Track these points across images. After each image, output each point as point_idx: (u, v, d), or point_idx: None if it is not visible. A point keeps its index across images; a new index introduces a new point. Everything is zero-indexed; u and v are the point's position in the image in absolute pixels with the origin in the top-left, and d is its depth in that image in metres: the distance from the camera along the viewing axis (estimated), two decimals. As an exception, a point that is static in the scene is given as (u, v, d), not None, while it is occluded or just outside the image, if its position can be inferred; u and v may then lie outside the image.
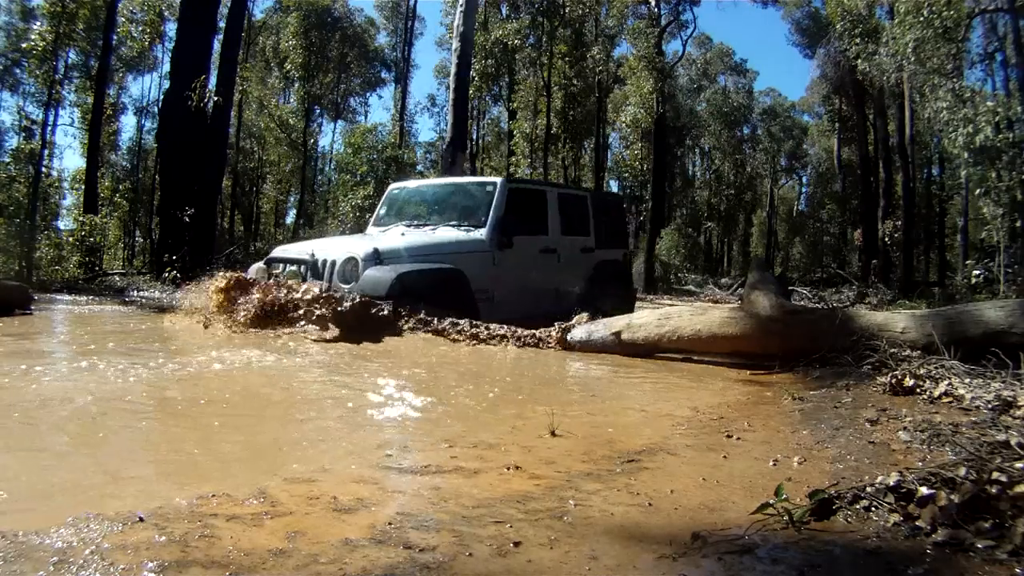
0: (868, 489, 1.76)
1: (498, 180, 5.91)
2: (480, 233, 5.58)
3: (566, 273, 6.40)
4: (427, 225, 5.93)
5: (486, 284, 5.41)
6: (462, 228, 5.70)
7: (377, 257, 5.03)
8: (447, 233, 5.69)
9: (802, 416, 3.09)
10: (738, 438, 2.65)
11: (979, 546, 1.42)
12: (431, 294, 4.82)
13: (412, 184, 7.23)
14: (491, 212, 5.64)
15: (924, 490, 1.65)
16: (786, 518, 1.61)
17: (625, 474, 2.09)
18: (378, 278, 4.80)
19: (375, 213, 6.81)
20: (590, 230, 6.89)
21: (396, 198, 6.69)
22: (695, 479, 2.06)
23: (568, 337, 5.02)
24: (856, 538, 1.54)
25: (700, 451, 2.46)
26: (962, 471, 1.74)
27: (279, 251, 5.99)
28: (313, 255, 5.38)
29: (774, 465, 2.24)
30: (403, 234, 5.78)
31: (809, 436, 2.68)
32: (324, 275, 5.14)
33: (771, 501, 1.68)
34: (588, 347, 4.91)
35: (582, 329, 5.15)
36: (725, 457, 2.36)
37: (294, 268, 5.41)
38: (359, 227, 16.26)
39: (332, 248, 5.46)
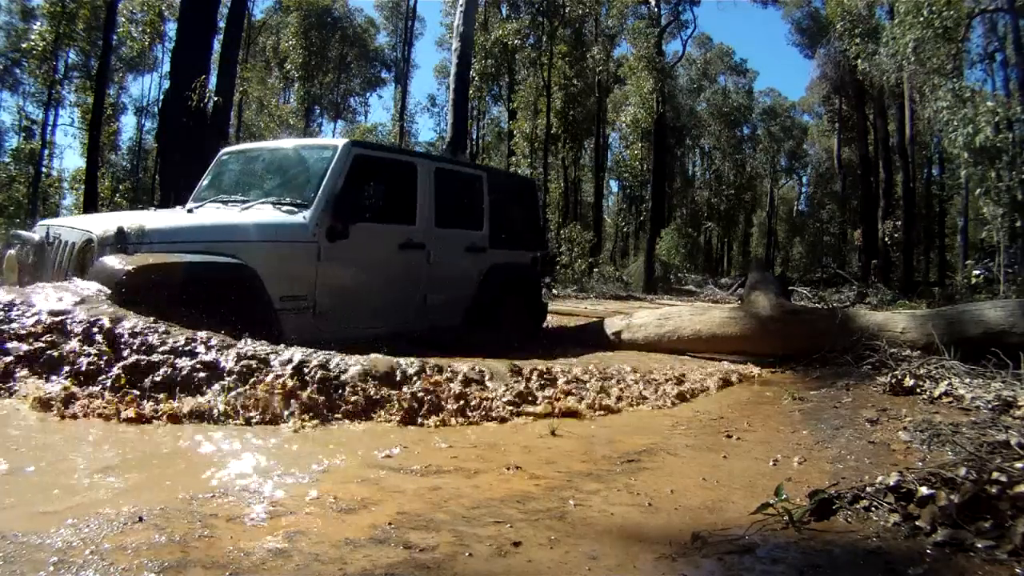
0: (868, 489, 1.76)
1: (340, 143, 4.25)
2: (302, 216, 3.89)
3: (442, 279, 4.73)
4: (247, 201, 4.18)
5: (302, 287, 3.85)
6: (282, 207, 3.99)
7: (122, 240, 3.43)
8: (254, 214, 3.96)
9: (802, 416, 3.10)
10: (738, 438, 2.65)
11: (979, 546, 1.42)
12: (197, 296, 3.27)
13: (245, 148, 5.36)
14: (321, 188, 3.95)
15: (924, 490, 1.65)
16: (786, 518, 1.61)
17: (625, 474, 2.09)
18: (109, 270, 3.24)
19: (199, 184, 4.99)
20: (483, 222, 5.13)
21: (224, 166, 4.86)
22: (695, 479, 2.06)
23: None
24: (856, 538, 1.54)
25: (700, 451, 2.46)
26: (962, 471, 1.74)
27: (47, 224, 4.08)
28: (49, 233, 3.79)
29: (774, 465, 2.24)
30: (192, 211, 4.21)
31: (809, 436, 2.69)
32: (57, 261, 3.60)
33: (771, 501, 1.68)
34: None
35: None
36: (725, 457, 2.36)
37: (13, 252, 3.96)
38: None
39: (85, 225, 3.78)
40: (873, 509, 1.68)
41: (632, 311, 5.91)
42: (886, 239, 21.46)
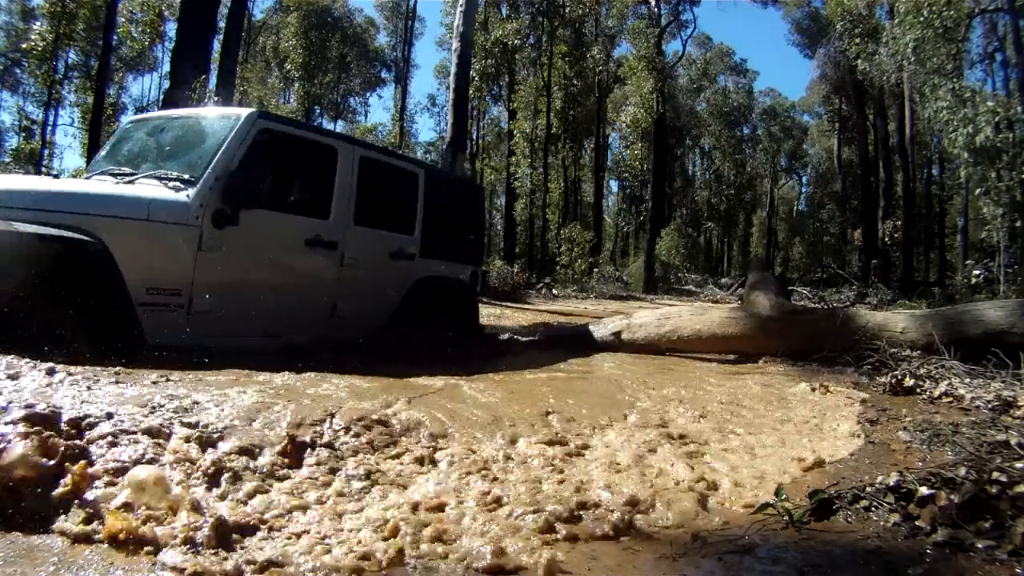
0: (868, 489, 1.76)
1: (244, 112, 3.58)
2: (185, 194, 3.23)
3: (357, 286, 4.07)
4: (137, 174, 3.50)
5: (175, 280, 3.20)
6: (169, 183, 3.32)
7: None
8: (128, 187, 3.32)
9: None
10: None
11: (979, 546, 1.42)
12: (23, 276, 2.64)
13: (149, 116, 4.68)
14: (212, 163, 3.30)
15: (924, 490, 1.65)
16: (786, 518, 1.61)
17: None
18: None
19: (96, 154, 4.39)
20: (415, 226, 4.49)
21: (125, 135, 4.21)
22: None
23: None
24: (856, 538, 1.54)
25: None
26: (962, 471, 1.74)
27: None
28: None
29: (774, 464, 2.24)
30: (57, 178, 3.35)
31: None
32: None
33: (771, 501, 1.68)
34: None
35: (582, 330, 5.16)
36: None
37: None
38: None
39: None
40: (873, 509, 1.68)
41: (632, 311, 5.90)
42: (886, 239, 21.48)
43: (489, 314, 9.28)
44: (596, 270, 20.07)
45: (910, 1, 13.17)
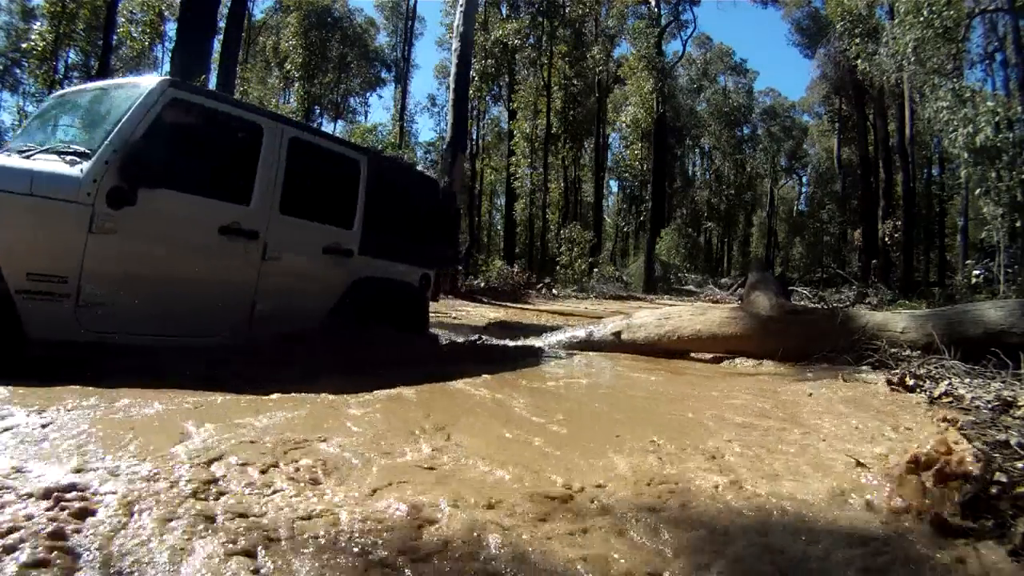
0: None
1: (156, 81, 3.15)
2: (79, 168, 2.85)
3: (282, 283, 3.60)
4: (41, 148, 3.16)
5: (62, 266, 2.82)
6: (66, 156, 2.96)
7: None
8: (19, 160, 2.98)
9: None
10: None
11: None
12: None
13: (72, 89, 4.26)
14: (111, 135, 2.91)
15: (924, 490, 1.65)
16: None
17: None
18: None
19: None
20: (354, 220, 4.02)
21: (47, 109, 3.88)
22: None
23: (566, 339, 5.02)
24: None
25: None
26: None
27: None
28: None
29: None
30: None
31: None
32: None
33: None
34: (588, 347, 4.91)
35: (582, 330, 5.16)
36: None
37: None
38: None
39: None
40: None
41: (632, 311, 5.90)
42: (886, 239, 21.50)
43: (478, 314, 9.29)
44: (596, 270, 20.09)
45: (910, 1, 13.18)
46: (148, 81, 3.18)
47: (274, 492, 1.47)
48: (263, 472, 1.59)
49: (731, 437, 2.31)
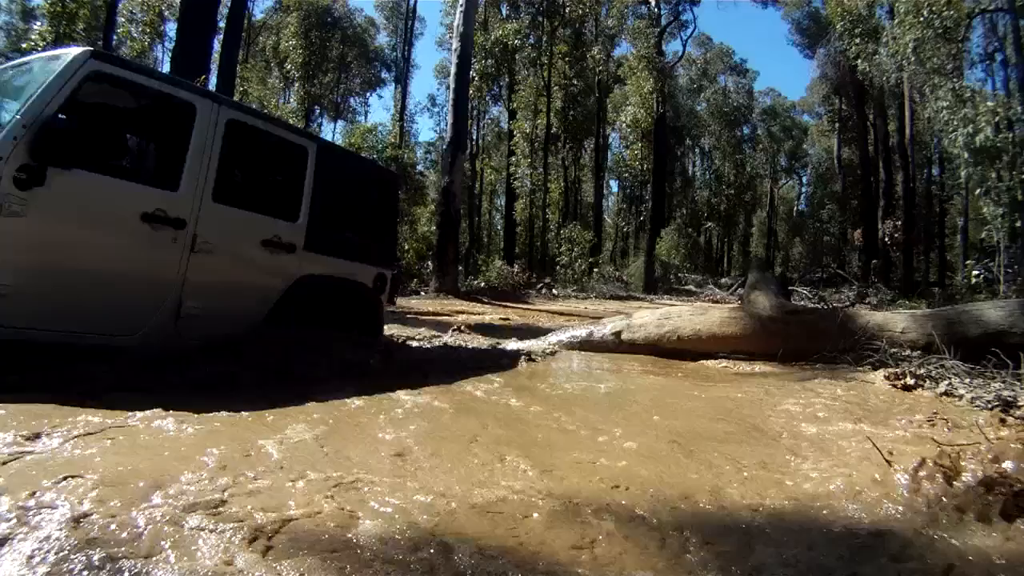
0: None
1: (78, 51, 2.86)
2: None
3: (214, 280, 3.25)
4: None
5: None
6: None
7: None
8: None
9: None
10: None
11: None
12: None
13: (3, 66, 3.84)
14: (22, 109, 2.67)
15: (924, 490, 1.65)
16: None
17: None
18: None
19: None
20: (300, 211, 3.68)
21: None
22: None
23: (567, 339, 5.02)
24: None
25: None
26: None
27: None
28: None
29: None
30: None
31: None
32: None
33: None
34: (588, 346, 4.91)
35: (582, 330, 5.17)
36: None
37: None
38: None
39: None
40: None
41: (632, 311, 5.90)
42: (886, 239, 21.50)
43: (463, 313, 9.30)
44: (596, 270, 20.09)
45: (910, 1, 13.19)
46: (70, 52, 2.87)
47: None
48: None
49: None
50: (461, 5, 13.90)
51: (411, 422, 2.38)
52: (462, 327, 5.83)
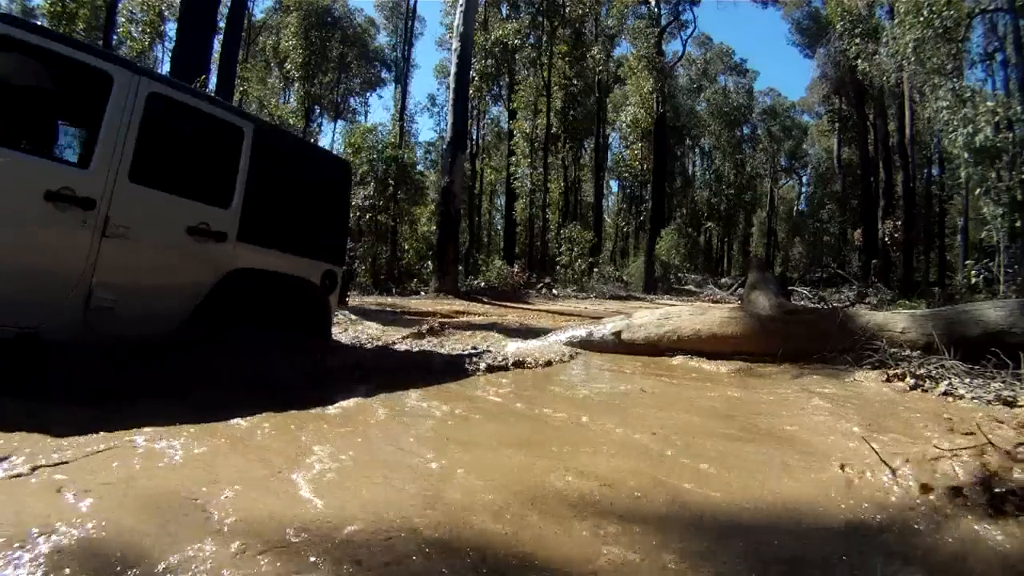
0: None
1: None
2: None
3: (129, 268, 2.93)
4: None
5: None
6: None
7: None
8: None
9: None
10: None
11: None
12: None
13: None
14: None
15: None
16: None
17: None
18: None
19: None
20: (231, 197, 3.34)
21: None
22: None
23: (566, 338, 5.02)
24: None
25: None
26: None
27: None
28: None
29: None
30: None
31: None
32: None
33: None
34: (588, 346, 4.91)
35: (582, 329, 5.16)
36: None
37: None
38: (357, 227, 16.29)
39: None
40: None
41: (632, 311, 5.90)
42: (886, 239, 21.50)
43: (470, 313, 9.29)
44: (596, 270, 20.09)
45: (910, 1, 13.18)
46: None
47: None
48: None
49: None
50: (461, 5, 13.89)
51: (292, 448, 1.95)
52: (435, 325, 5.68)
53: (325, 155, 4.72)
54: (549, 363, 4.14)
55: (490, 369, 3.74)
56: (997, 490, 1.54)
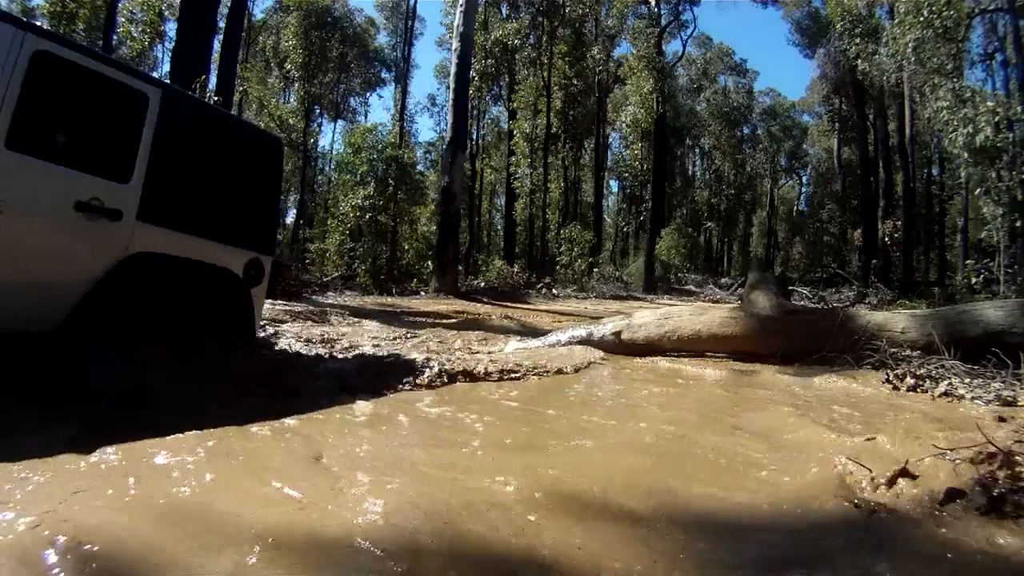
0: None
1: None
2: None
3: (6, 247, 2.56)
4: None
5: None
6: None
7: None
8: None
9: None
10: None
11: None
12: None
13: None
14: None
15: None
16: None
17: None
18: None
19: None
20: (131, 170, 2.95)
21: None
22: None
23: (566, 339, 5.02)
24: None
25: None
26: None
27: None
28: None
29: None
30: None
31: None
32: None
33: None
34: (588, 346, 4.91)
35: (582, 329, 5.16)
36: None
37: None
38: (358, 227, 16.29)
39: None
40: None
41: (632, 311, 5.90)
42: (886, 239, 21.49)
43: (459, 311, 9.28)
44: (596, 270, 20.09)
45: (910, 1, 13.18)
46: None
47: None
48: None
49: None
50: (461, 5, 13.89)
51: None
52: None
53: (252, 130, 4.27)
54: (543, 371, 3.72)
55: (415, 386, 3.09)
56: (996, 492, 1.54)
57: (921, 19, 12.93)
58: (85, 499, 1.43)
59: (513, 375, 3.51)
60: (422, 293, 13.33)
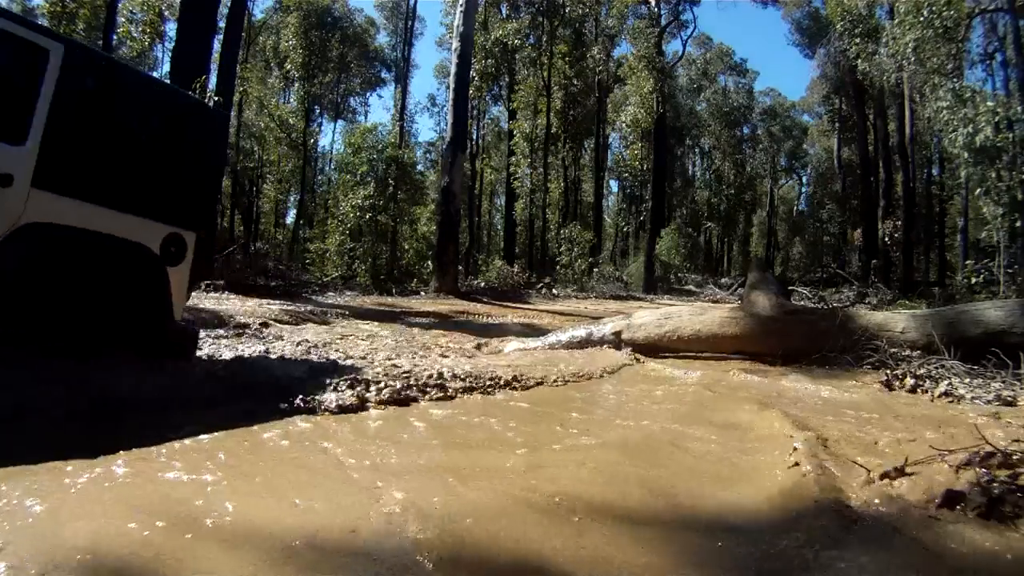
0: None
1: None
2: None
3: None
4: None
5: None
6: None
7: None
8: None
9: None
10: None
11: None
12: None
13: None
14: None
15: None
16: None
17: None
18: None
19: None
20: (28, 132, 2.62)
21: None
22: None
23: (568, 337, 5.02)
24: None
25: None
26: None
27: None
28: None
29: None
30: None
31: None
32: None
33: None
34: (588, 346, 4.91)
35: (582, 329, 5.17)
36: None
37: None
38: (358, 227, 16.29)
39: None
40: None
41: (632, 311, 5.90)
42: (886, 239, 21.49)
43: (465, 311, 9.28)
44: (596, 270, 20.08)
45: (910, 1, 13.17)
46: None
47: None
48: None
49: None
50: (461, 5, 13.90)
51: None
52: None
53: (183, 97, 3.86)
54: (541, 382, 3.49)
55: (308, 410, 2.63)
56: (995, 493, 1.54)
57: (921, 19, 12.93)
58: None
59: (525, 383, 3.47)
60: (422, 293, 13.33)
